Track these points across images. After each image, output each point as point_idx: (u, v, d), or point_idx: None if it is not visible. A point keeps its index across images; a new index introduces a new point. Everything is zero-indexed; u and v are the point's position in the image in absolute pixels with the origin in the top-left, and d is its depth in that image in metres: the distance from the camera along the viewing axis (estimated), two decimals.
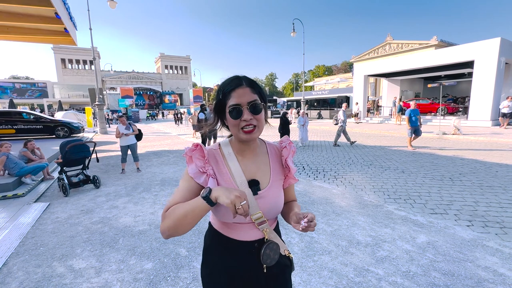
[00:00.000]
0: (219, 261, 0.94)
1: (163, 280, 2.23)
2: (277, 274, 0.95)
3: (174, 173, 5.89)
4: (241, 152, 0.93)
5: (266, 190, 0.90)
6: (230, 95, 0.85)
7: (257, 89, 0.88)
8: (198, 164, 0.87)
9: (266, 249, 0.88)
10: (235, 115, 0.84)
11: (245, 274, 0.92)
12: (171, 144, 10.84)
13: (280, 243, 0.96)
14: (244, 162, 0.92)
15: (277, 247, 0.90)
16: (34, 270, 2.42)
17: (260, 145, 0.98)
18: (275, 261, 0.90)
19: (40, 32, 7.59)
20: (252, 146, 0.93)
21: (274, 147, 1.00)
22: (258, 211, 0.87)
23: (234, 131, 0.87)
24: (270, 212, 0.91)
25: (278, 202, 0.93)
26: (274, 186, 0.93)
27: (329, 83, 44.51)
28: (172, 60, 68.43)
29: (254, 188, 0.88)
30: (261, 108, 0.87)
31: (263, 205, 0.89)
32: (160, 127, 21.54)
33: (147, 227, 3.24)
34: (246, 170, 0.91)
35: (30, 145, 5.49)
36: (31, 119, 12.54)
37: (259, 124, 0.87)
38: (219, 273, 0.94)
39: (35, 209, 3.90)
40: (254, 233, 0.90)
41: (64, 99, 42.96)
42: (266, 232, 0.90)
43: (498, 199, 3.92)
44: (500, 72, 13.48)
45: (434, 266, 2.30)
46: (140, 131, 6.26)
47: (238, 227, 0.91)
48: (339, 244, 2.72)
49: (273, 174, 0.94)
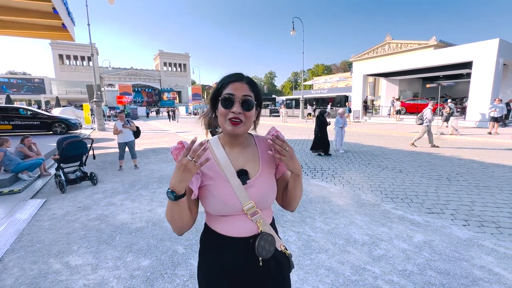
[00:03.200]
0: (215, 260, 0.93)
1: (160, 277, 2.23)
2: (274, 272, 0.94)
3: (172, 171, 5.85)
4: (229, 145, 0.94)
5: (255, 179, 0.90)
6: (227, 86, 0.87)
7: (254, 89, 0.89)
8: None
9: (261, 240, 0.87)
10: (226, 104, 0.85)
11: (242, 271, 0.91)
12: (169, 142, 10.81)
13: (276, 237, 0.95)
14: (232, 154, 0.93)
15: (272, 239, 0.90)
16: (30, 266, 2.40)
17: (248, 138, 0.99)
18: (271, 253, 0.89)
19: (38, 27, 7.50)
20: (240, 139, 0.94)
21: (262, 139, 1.01)
22: (249, 201, 0.87)
23: (221, 120, 0.87)
24: (262, 202, 0.90)
25: (269, 191, 0.92)
26: (264, 175, 0.92)
27: (328, 82, 44.55)
28: (171, 57, 68.14)
29: (243, 178, 0.88)
30: (253, 106, 0.88)
31: (253, 195, 0.88)
32: (158, 125, 21.48)
33: (144, 224, 3.24)
34: (235, 162, 0.91)
35: (27, 141, 5.44)
36: (28, 115, 12.45)
37: (247, 121, 0.87)
38: (215, 272, 0.93)
39: (32, 205, 3.88)
40: (248, 227, 0.90)
41: (62, 95, 42.73)
42: (259, 223, 0.89)
43: (494, 199, 3.95)
44: (498, 73, 13.54)
45: (430, 265, 2.31)
46: (138, 128, 6.23)
47: (231, 220, 0.90)
48: (336, 242, 2.73)
49: (262, 164, 0.94)
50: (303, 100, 23.32)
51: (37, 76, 46.77)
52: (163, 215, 3.49)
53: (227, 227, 0.90)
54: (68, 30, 7.05)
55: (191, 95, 53.47)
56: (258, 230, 0.90)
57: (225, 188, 0.87)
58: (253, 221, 0.89)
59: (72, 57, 56.00)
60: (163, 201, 4.03)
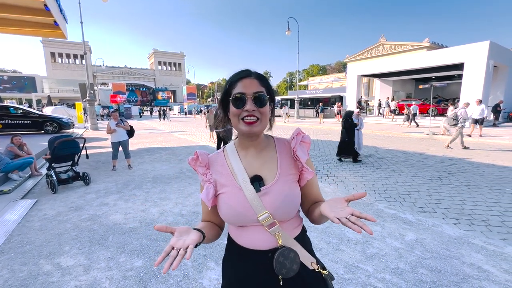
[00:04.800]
0: (234, 272, 0.88)
1: (153, 277, 2.21)
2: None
3: (166, 170, 5.83)
4: (245, 148, 0.87)
5: (271, 185, 0.81)
6: (236, 84, 0.81)
7: (265, 83, 0.84)
8: (200, 172, 0.87)
9: (279, 256, 0.77)
10: (237, 104, 0.79)
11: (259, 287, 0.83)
12: (163, 141, 10.72)
13: (303, 253, 0.83)
14: (247, 158, 0.86)
15: (294, 255, 0.78)
16: (19, 268, 2.36)
17: (266, 140, 0.90)
18: (293, 272, 0.77)
19: (29, 24, 7.35)
20: (256, 142, 0.86)
21: (283, 142, 0.91)
22: (264, 211, 0.79)
23: (235, 121, 0.81)
24: (279, 211, 0.80)
25: (288, 199, 0.81)
26: (282, 182, 0.82)
27: (323, 83, 44.78)
28: (166, 56, 67.62)
29: (256, 184, 0.81)
30: (266, 100, 0.81)
31: (268, 203, 0.79)
32: (152, 124, 21.29)
33: (138, 224, 3.20)
34: (249, 167, 0.84)
35: (16, 141, 5.33)
36: (19, 114, 12.20)
37: (263, 118, 0.80)
38: (233, 285, 0.88)
39: (22, 206, 3.80)
40: (265, 239, 0.81)
41: (54, 94, 41.99)
42: (278, 237, 0.80)
43: (484, 198, 4.03)
44: (489, 74, 13.82)
45: (422, 263, 2.35)
46: (132, 128, 6.17)
47: (247, 231, 0.83)
48: (330, 241, 2.75)
49: (281, 168, 0.84)
50: (298, 100, 23.43)
51: (28, 74, 45.83)
52: (157, 215, 3.46)
53: (243, 238, 0.84)
54: (60, 27, 6.93)
55: (186, 94, 53.17)
56: (277, 244, 0.80)
57: (238, 196, 0.81)
58: (271, 233, 0.80)
59: (64, 55, 55.12)
60: (157, 201, 4.00)
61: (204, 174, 0.86)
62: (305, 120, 21.83)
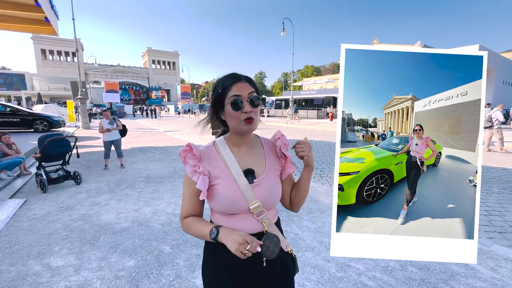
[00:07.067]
0: (219, 259, 0.93)
1: (146, 277, 2.20)
2: (279, 272, 0.95)
3: (159, 170, 5.79)
4: (236, 145, 0.95)
5: (262, 178, 0.92)
6: (231, 88, 0.88)
7: (254, 85, 0.92)
8: (191, 163, 0.91)
9: (266, 240, 0.86)
10: (236, 106, 0.86)
11: (245, 270, 0.91)
12: (157, 141, 10.64)
13: (281, 238, 0.96)
14: (239, 154, 0.94)
15: (277, 240, 0.88)
16: (7, 269, 2.31)
17: (255, 139, 1.01)
18: (275, 254, 0.87)
19: (19, 20, 7.19)
20: (247, 139, 0.96)
21: (268, 141, 1.04)
22: (255, 200, 0.89)
23: (235, 123, 0.89)
24: (267, 201, 0.92)
25: (275, 191, 0.94)
26: (269, 175, 0.95)
27: (317, 84, 45.13)
28: (160, 55, 67.06)
29: (249, 177, 0.91)
30: (259, 101, 0.91)
31: (259, 194, 0.90)
32: (146, 123, 21.08)
33: (130, 224, 3.18)
34: (241, 161, 0.93)
35: (5, 139, 5.20)
36: (8, 111, 11.92)
37: (257, 118, 0.90)
38: (219, 271, 0.93)
39: (10, 205, 3.72)
40: (254, 226, 0.91)
41: (44, 91, 41.08)
42: (265, 224, 0.91)
43: None
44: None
45: (411, 261, 2.39)
46: (124, 127, 6.10)
47: (236, 218, 0.91)
48: (323, 240, 2.78)
49: (268, 164, 0.96)
50: (292, 101, 23.54)
51: (17, 71, 44.75)
52: (150, 215, 3.44)
53: (232, 226, 0.90)
54: (51, 24, 6.81)
55: (180, 93, 52.78)
56: (263, 230, 0.91)
57: (232, 187, 0.89)
58: (258, 221, 0.91)
59: (55, 52, 54.09)
60: (150, 200, 3.96)
61: (197, 166, 0.90)
62: (312, 120, 21.94)
